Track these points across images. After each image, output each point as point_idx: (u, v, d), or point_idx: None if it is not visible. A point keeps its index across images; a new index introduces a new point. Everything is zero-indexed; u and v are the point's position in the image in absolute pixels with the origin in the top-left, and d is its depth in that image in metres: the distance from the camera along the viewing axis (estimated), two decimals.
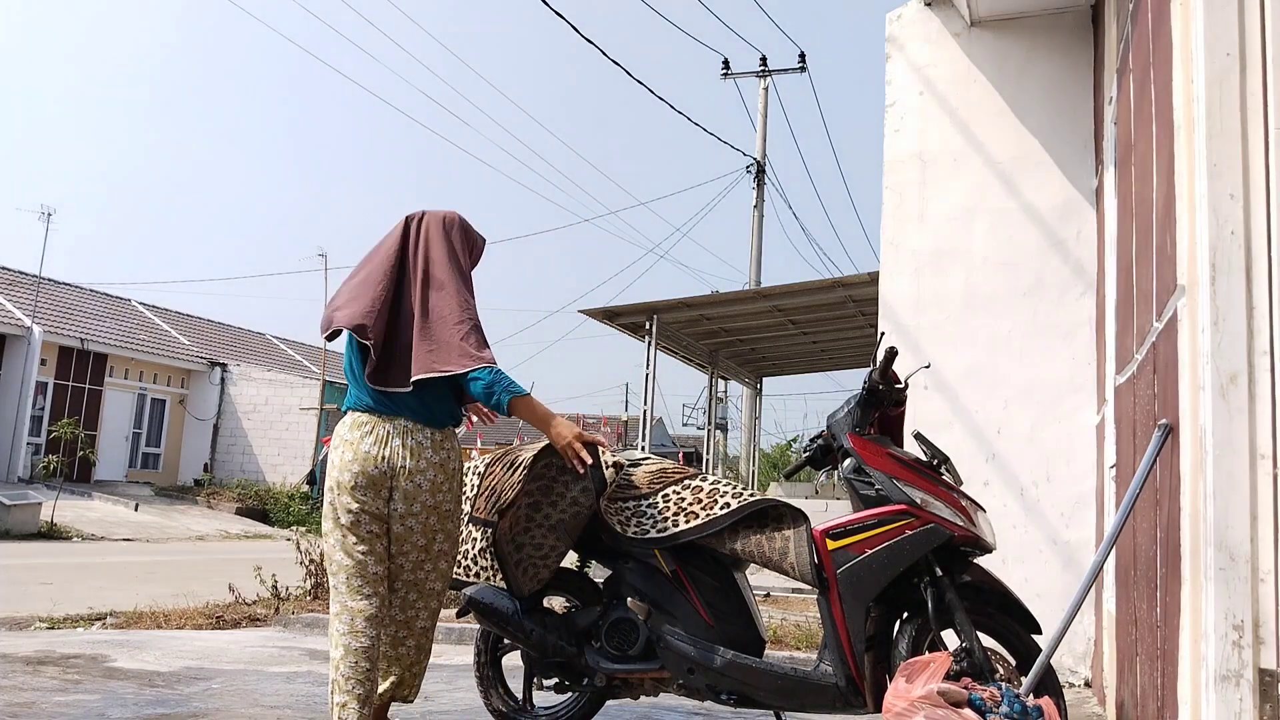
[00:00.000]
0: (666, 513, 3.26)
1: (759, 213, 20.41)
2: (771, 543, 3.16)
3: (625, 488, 3.36)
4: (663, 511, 3.26)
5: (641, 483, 3.35)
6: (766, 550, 3.15)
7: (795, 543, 3.11)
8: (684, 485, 3.31)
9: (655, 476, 3.36)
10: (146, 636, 6.22)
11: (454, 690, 4.52)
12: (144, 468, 25.76)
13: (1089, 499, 4.88)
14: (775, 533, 3.18)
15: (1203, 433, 2.23)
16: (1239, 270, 2.21)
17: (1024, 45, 5.37)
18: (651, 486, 3.34)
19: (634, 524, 3.27)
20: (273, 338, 34.31)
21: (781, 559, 3.12)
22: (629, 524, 3.28)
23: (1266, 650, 2.11)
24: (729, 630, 3.18)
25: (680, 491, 3.30)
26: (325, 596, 7.50)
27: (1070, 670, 4.80)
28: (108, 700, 4.05)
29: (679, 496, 3.29)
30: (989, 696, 2.55)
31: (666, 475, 3.36)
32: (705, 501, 3.24)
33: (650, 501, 3.30)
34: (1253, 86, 2.26)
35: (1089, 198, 5.13)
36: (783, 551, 3.13)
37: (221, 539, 19.02)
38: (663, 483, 3.34)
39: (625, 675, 3.30)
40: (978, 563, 3.08)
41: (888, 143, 5.59)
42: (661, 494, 3.31)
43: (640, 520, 3.27)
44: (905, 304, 5.40)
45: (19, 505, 16.39)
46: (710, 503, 3.24)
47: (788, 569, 3.13)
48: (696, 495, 3.27)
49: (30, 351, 22.05)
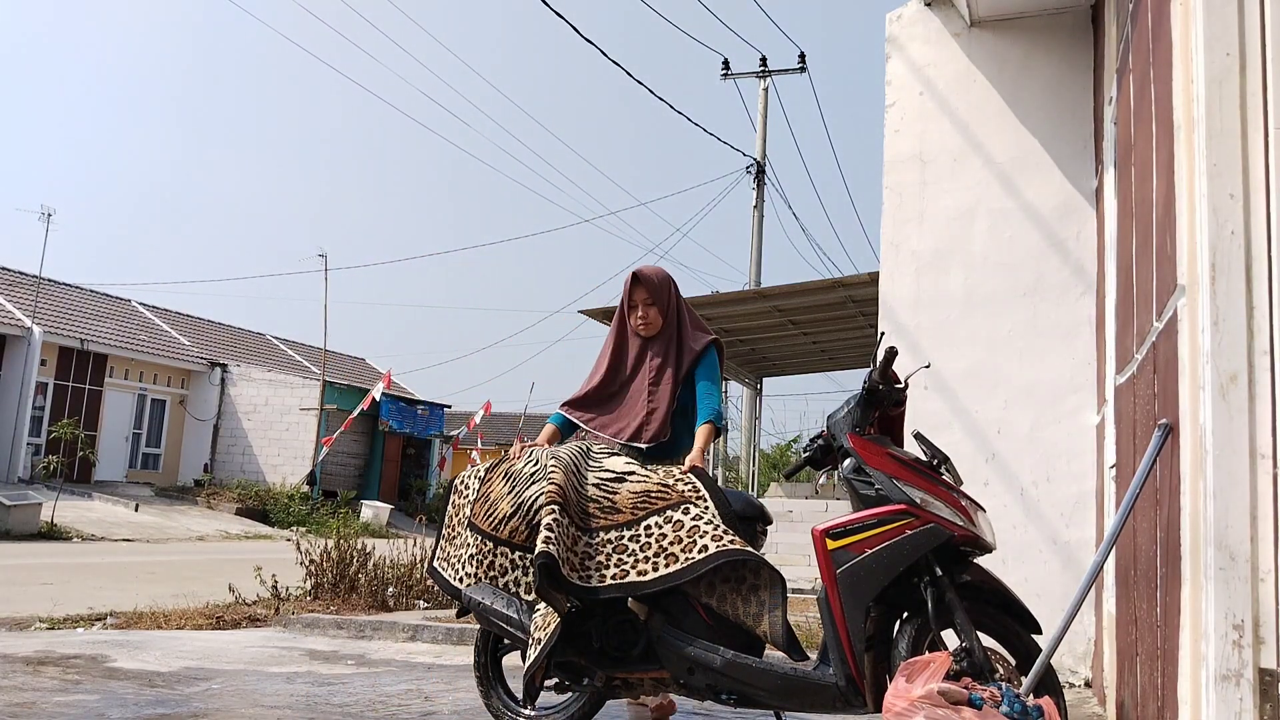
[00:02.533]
0: (647, 551, 3.18)
1: (759, 213, 20.41)
2: (747, 605, 3.17)
3: (609, 510, 3.28)
4: (644, 548, 3.19)
5: (625, 505, 3.27)
6: (740, 611, 3.16)
7: (770, 608, 3.12)
8: (665, 517, 3.22)
9: (639, 500, 3.28)
10: (146, 637, 6.22)
11: (454, 690, 4.52)
12: (144, 468, 25.76)
13: (1089, 499, 4.88)
14: (751, 594, 3.18)
15: (1203, 432, 2.23)
16: (1239, 270, 2.21)
17: (1024, 45, 5.37)
18: (635, 513, 3.26)
19: (614, 563, 3.19)
20: (273, 338, 34.32)
21: (755, 624, 3.13)
22: (608, 564, 3.19)
23: (1266, 650, 2.11)
24: (729, 630, 3.18)
25: (661, 525, 3.21)
26: (325, 597, 7.50)
27: (1070, 670, 4.80)
28: (108, 700, 4.05)
29: (660, 532, 3.20)
30: (989, 696, 2.55)
31: (650, 501, 3.27)
32: (685, 541, 3.15)
33: (633, 534, 3.22)
34: (1253, 86, 2.26)
35: (1089, 198, 5.13)
36: (757, 616, 3.14)
37: (221, 539, 19.02)
38: (646, 509, 3.25)
39: (625, 675, 3.30)
40: (978, 563, 3.08)
41: (888, 143, 5.59)
42: (643, 524, 3.23)
43: (620, 558, 3.20)
44: (905, 304, 5.40)
45: (19, 505, 16.39)
46: (690, 543, 3.15)
47: (759, 635, 3.14)
48: (677, 532, 3.18)
49: (30, 352, 22.05)
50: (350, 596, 7.44)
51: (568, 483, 3.29)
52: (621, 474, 3.37)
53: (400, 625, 6.45)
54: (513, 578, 3.38)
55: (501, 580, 3.40)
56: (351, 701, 4.21)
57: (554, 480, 3.28)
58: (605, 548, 3.22)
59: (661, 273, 3.81)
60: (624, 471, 3.37)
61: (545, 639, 3.15)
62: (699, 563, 3.11)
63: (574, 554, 3.21)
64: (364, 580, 7.54)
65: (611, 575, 3.18)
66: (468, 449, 31.34)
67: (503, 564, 3.39)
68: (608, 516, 3.27)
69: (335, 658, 5.60)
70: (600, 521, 3.27)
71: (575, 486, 3.31)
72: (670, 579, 3.13)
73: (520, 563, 3.36)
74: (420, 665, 5.40)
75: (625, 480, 3.34)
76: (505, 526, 3.36)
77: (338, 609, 7.17)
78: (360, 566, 7.62)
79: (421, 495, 29.03)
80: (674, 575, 3.13)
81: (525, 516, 3.32)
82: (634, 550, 3.19)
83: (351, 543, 7.88)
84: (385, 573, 7.60)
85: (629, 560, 3.18)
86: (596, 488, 3.33)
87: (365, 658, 5.64)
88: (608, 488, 3.32)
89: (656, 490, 3.29)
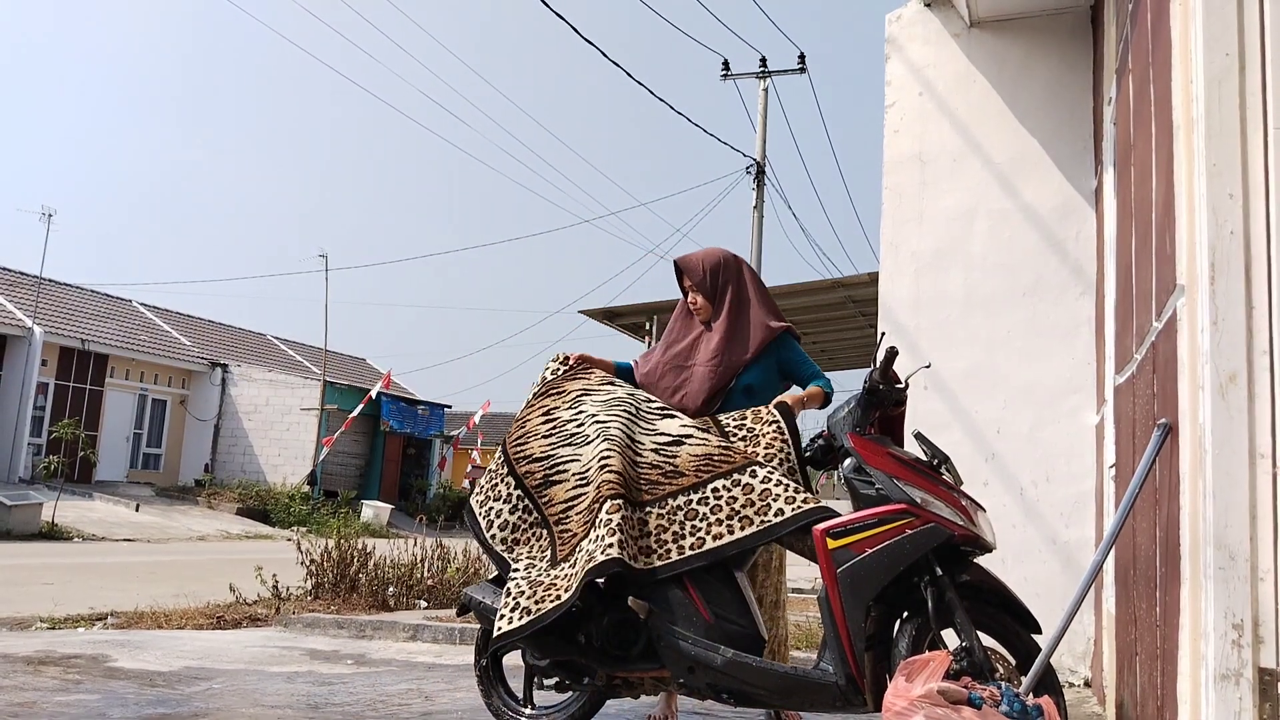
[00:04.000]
0: (719, 513, 3.13)
1: (759, 213, 20.40)
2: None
3: (671, 474, 3.22)
4: (715, 510, 3.13)
5: (688, 469, 3.22)
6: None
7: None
8: (732, 480, 3.17)
9: (701, 463, 3.22)
10: (147, 636, 6.22)
11: (454, 690, 4.52)
12: (145, 468, 25.77)
13: (1089, 499, 4.88)
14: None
15: (1202, 432, 2.23)
16: (1238, 270, 2.22)
17: (1023, 46, 5.37)
18: (699, 475, 3.20)
19: (688, 530, 3.13)
20: (273, 338, 34.33)
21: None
22: (684, 532, 3.13)
23: (1266, 649, 2.11)
24: (729, 629, 3.18)
25: (730, 489, 3.16)
26: (325, 596, 7.51)
27: (1070, 670, 4.80)
28: (108, 700, 4.06)
29: (730, 495, 3.15)
30: (989, 696, 2.55)
31: (713, 464, 3.21)
32: (758, 505, 3.12)
33: (700, 497, 3.17)
34: (1252, 86, 2.26)
35: (1088, 198, 5.13)
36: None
37: (222, 539, 19.03)
38: (710, 473, 3.20)
39: (625, 675, 3.30)
40: (978, 562, 3.08)
41: (887, 143, 5.60)
42: (709, 487, 3.18)
43: (694, 524, 3.14)
44: (905, 304, 5.40)
45: (20, 505, 16.40)
46: (764, 506, 3.12)
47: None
48: (748, 495, 3.14)
49: (31, 352, 22.06)
50: (351, 596, 7.44)
51: (623, 462, 3.22)
52: (679, 436, 3.32)
53: (401, 625, 6.46)
54: (495, 509, 3.41)
55: (486, 505, 3.44)
56: (352, 701, 4.22)
57: (611, 467, 3.20)
58: (677, 515, 3.17)
59: (713, 257, 3.73)
60: (681, 435, 3.32)
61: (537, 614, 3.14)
62: (775, 526, 3.09)
63: (642, 537, 3.16)
64: (364, 580, 7.54)
65: (690, 545, 3.13)
66: (468, 449, 31.35)
67: (501, 490, 3.44)
68: (672, 481, 3.22)
69: (336, 657, 5.61)
70: (666, 488, 3.21)
71: (630, 462, 3.25)
72: (748, 541, 3.11)
73: (511, 499, 3.40)
74: (421, 665, 5.40)
75: (684, 443, 3.29)
76: (525, 464, 3.41)
77: (338, 609, 7.18)
78: (361, 566, 7.63)
79: (422, 495, 29.03)
80: (751, 538, 3.11)
81: (546, 468, 3.37)
82: (705, 514, 3.15)
83: (352, 542, 7.88)
84: (386, 572, 7.61)
85: (702, 525, 3.14)
86: (654, 453, 3.27)
87: (366, 657, 5.64)
88: (667, 452, 3.27)
89: (719, 454, 3.24)
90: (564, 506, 3.33)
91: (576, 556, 3.18)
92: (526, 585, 3.22)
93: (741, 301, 3.70)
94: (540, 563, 3.30)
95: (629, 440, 3.31)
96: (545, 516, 3.36)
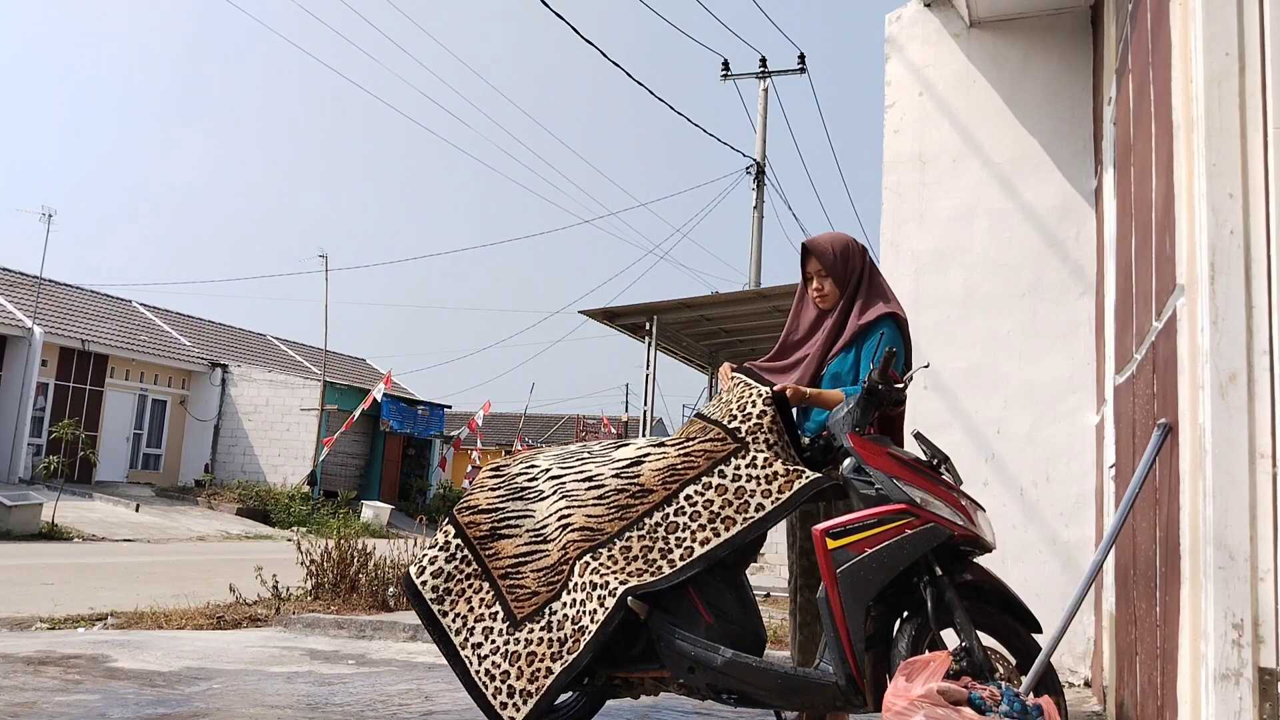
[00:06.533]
0: (699, 519, 3.11)
1: (759, 213, 20.41)
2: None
3: (639, 494, 3.20)
4: (694, 518, 3.11)
5: (654, 484, 3.20)
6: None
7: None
8: (702, 484, 3.15)
9: (665, 475, 3.20)
10: (147, 636, 6.22)
11: (454, 690, 4.52)
12: (145, 468, 25.78)
13: (1088, 499, 4.88)
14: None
15: (1202, 432, 2.23)
16: (1238, 270, 2.22)
17: (1023, 46, 5.38)
18: (666, 487, 3.18)
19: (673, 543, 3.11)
20: (273, 338, 34.34)
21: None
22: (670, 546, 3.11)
23: (1266, 649, 2.11)
24: (729, 629, 3.18)
25: (703, 492, 3.14)
26: (325, 596, 7.51)
27: (1070, 669, 4.80)
28: (108, 700, 4.06)
29: (705, 499, 3.13)
30: (989, 695, 2.55)
31: (677, 474, 3.19)
32: (736, 503, 3.10)
33: (676, 508, 3.15)
34: (1252, 86, 2.26)
35: (1088, 198, 5.13)
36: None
37: (222, 539, 19.04)
38: (677, 481, 3.18)
39: (625, 675, 3.30)
40: (977, 562, 3.09)
41: (887, 143, 5.60)
42: (681, 495, 3.16)
43: (679, 535, 3.11)
44: (904, 304, 5.37)
45: (20, 506, 16.40)
46: (742, 504, 3.10)
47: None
48: (723, 496, 3.12)
49: (31, 352, 22.06)
50: (351, 596, 7.45)
51: (585, 516, 3.22)
52: (637, 457, 3.31)
53: (401, 625, 6.46)
54: (430, 555, 3.40)
55: (421, 553, 3.45)
56: (352, 701, 4.22)
57: (573, 525, 3.20)
58: (658, 531, 3.15)
59: (841, 241, 3.61)
60: (638, 455, 3.31)
61: (542, 692, 3.12)
62: (758, 521, 3.08)
63: (630, 562, 3.14)
64: (364, 580, 7.55)
65: (679, 556, 3.10)
66: (468, 449, 31.37)
67: (439, 539, 3.43)
68: (642, 501, 3.20)
69: (336, 657, 5.61)
70: (639, 508, 3.19)
71: (595, 500, 3.24)
72: (737, 540, 3.09)
73: (449, 547, 3.38)
74: (421, 665, 5.40)
75: (643, 461, 3.28)
76: (469, 514, 3.40)
77: (338, 609, 7.18)
78: (361, 566, 7.63)
79: (422, 495, 29.04)
80: (741, 535, 3.09)
81: (494, 520, 3.37)
82: (685, 523, 3.13)
83: (352, 543, 7.89)
84: (386, 573, 7.61)
85: (686, 535, 3.12)
86: (616, 478, 3.27)
87: (366, 657, 5.64)
88: (628, 474, 3.26)
89: (681, 463, 3.22)
90: (513, 561, 3.29)
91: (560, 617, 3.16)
92: (504, 661, 3.17)
93: (861, 288, 3.59)
94: (492, 623, 3.24)
95: (588, 482, 3.30)
96: (488, 569, 3.31)
